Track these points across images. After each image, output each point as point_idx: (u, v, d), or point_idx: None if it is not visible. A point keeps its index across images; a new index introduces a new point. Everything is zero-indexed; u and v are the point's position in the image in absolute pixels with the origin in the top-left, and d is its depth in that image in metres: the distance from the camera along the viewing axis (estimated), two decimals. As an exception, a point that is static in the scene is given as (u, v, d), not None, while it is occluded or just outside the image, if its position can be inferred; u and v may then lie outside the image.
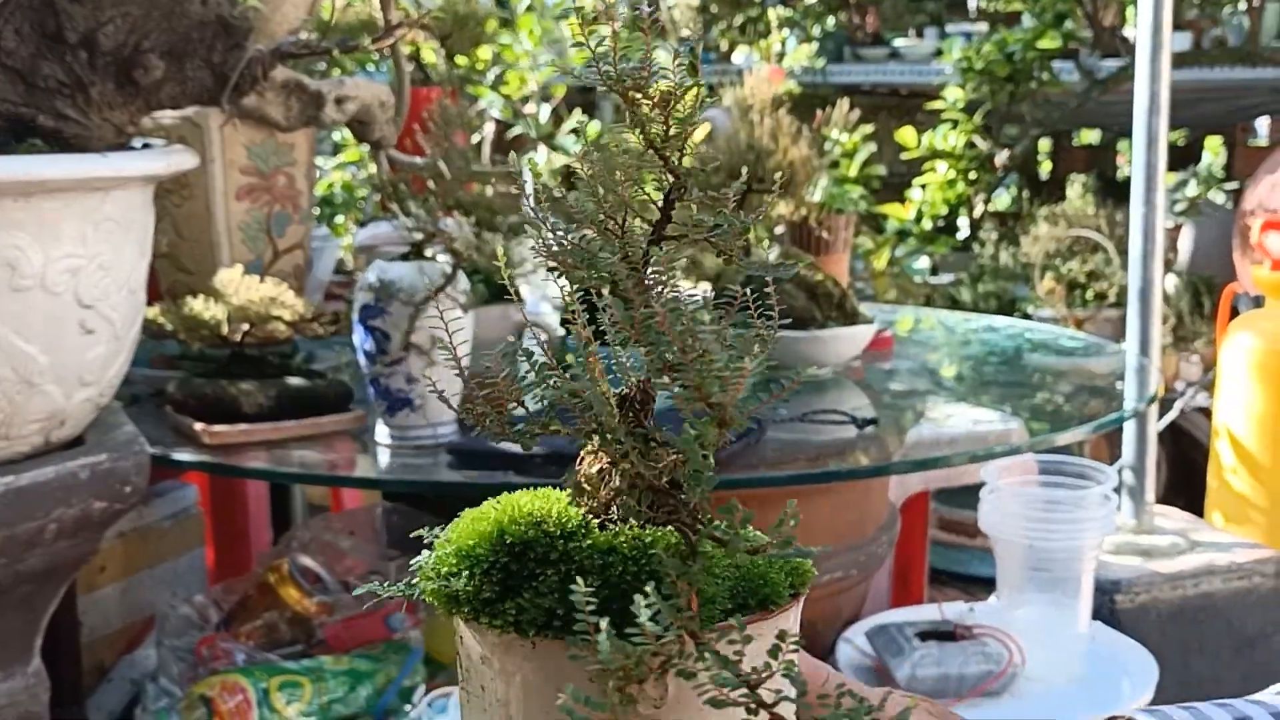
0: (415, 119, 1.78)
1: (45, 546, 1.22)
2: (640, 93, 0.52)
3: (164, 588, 2.12)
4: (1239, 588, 2.28)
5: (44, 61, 1.21)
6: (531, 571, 0.49)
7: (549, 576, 0.48)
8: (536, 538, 0.50)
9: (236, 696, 1.55)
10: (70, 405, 1.24)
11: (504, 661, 0.49)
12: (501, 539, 0.50)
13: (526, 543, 0.50)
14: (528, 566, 0.49)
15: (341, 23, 2.01)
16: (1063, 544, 1.83)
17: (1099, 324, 3.84)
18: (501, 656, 0.49)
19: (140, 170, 1.25)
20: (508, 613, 0.48)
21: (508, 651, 0.48)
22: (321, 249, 2.47)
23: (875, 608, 2.15)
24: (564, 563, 0.49)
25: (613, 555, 0.49)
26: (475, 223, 1.62)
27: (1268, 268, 3.09)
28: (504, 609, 0.48)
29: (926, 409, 1.91)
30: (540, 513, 0.51)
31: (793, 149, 1.95)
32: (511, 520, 0.50)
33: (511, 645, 0.48)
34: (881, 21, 5.58)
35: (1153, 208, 2.34)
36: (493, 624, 0.48)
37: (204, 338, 1.66)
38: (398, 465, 1.62)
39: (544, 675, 0.48)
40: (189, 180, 1.88)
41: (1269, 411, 3.00)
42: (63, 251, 1.17)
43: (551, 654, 0.47)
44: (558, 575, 0.48)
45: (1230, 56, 4.34)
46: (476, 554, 0.50)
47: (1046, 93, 4.56)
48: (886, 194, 4.79)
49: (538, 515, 0.51)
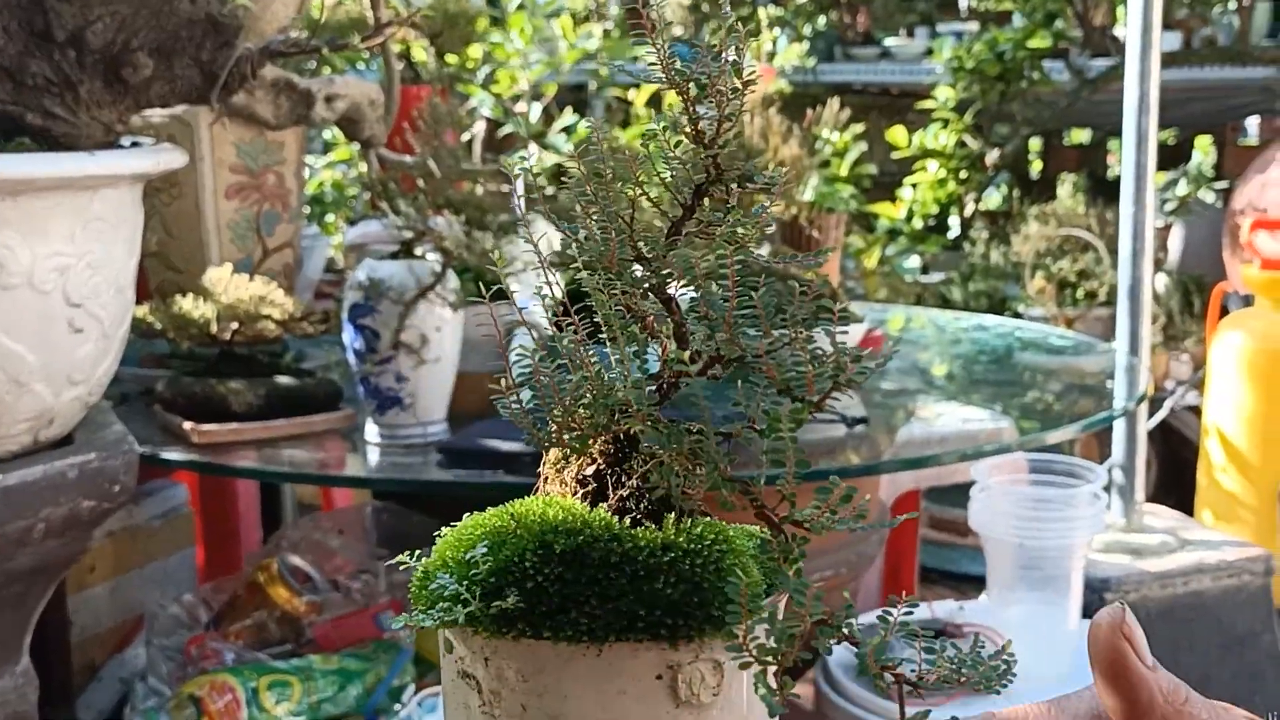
0: (405, 117, 1.78)
1: (34, 546, 1.21)
2: (701, 86, 0.51)
3: (154, 587, 2.12)
4: (1228, 586, 2.29)
5: (32, 60, 1.21)
6: (593, 577, 0.47)
7: (617, 580, 0.47)
8: (586, 543, 0.48)
9: (225, 696, 1.54)
10: (59, 404, 1.23)
11: (559, 676, 0.47)
12: (549, 549, 0.48)
13: (577, 549, 0.48)
14: (586, 573, 0.48)
15: (332, 21, 2.00)
16: (1053, 542, 1.83)
17: (1089, 323, 3.84)
18: (557, 671, 0.47)
19: (129, 169, 1.25)
20: (578, 622, 0.47)
21: (566, 664, 0.47)
22: (312, 248, 2.47)
23: (866, 606, 2.16)
24: (626, 564, 0.48)
25: (673, 551, 0.48)
26: (465, 221, 1.62)
27: (1257, 267, 3.10)
28: (572, 619, 0.47)
29: (917, 408, 1.91)
30: (574, 518, 0.49)
31: (783, 148, 1.95)
32: (549, 529, 0.49)
33: (572, 657, 0.47)
34: (872, 21, 5.57)
35: (1142, 207, 2.34)
36: (559, 637, 0.46)
37: (193, 336, 1.65)
38: (387, 464, 1.62)
39: (605, 677, 0.47)
40: (178, 179, 1.87)
41: (1258, 410, 3.00)
42: (51, 250, 1.17)
43: (620, 657, 0.46)
44: (625, 577, 0.47)
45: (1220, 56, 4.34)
46: (523, 568, 0.48)
47: (1037, 92, 4.56)
48: (877, 193, 4.78)
49: (574, 521, 0.49)
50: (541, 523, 0.49)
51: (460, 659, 0.49)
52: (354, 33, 1.55)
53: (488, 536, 0.50)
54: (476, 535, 0.51)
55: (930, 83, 4.75)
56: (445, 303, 1.59)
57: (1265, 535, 2.94)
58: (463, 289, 1.63)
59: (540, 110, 3.72)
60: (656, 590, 0.47)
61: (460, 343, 1.66)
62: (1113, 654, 0.47)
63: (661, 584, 0.47)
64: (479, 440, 1.58)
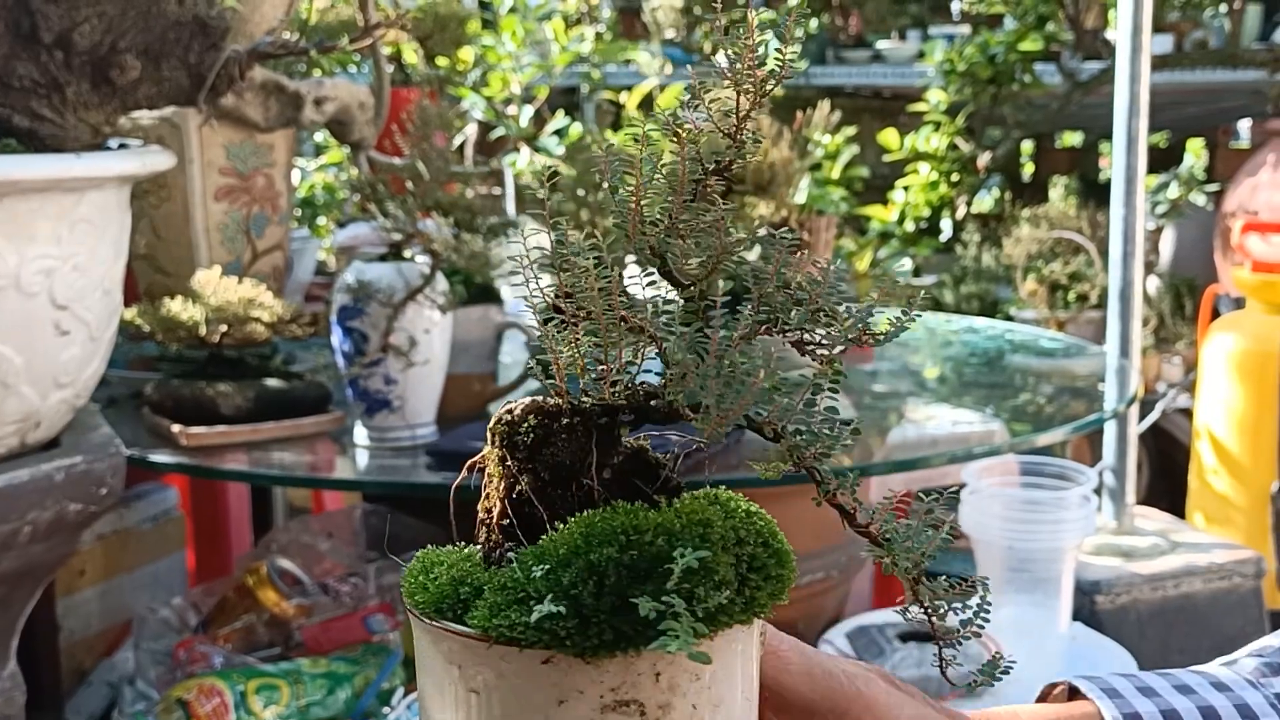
0: (395, 120, 1.77)
1: (20, 549, 1.21)
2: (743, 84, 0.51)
3: (144, 591, 2.11)
4: (1219, 588, 2.29)
5: (18, 61, 1.20)
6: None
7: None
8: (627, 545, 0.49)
9: (214, 699, 1.54)
10: (45, 407, 1.23)
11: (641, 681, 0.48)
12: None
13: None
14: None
15: (322, 23, 2.00)
16: (1043, 545, 1.83)
17: (1081, 325, 3.85)
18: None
19: (115, 170, 1.24)
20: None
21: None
22: (302, 250, 2.47)
23: (856, 609, 2.15)
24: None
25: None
26: (454, 224, 1.62)
27: (1248, 269, 3.10)
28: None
29: (908, 410, 1.91)
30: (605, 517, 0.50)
31: (774, 150, 1.94)
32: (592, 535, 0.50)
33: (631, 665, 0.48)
34: (864, 23, 5.58)
35: (1133, 209, 2.34)
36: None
37: (182, 339, 1.65)
38: (376, 466, 1.61)
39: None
40: (167, 181, 1.87)
41: (1250, 413, 3.01)
42: (37, 252, 1.16)
43: (733, 637, 0.49)
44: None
45: (1211, 59, 4.35)
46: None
47: (1028, 95, 4.57)
48: (869, 196, 4.79)
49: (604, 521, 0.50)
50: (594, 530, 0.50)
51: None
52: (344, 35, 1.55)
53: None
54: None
55: (922, 85, 4.76)
56: (434, 305, 1.58)
57: (1256, 538, 2.94)
58: (452, 291, 1.63)
59: (532, 113, 3.72)
60: None
61: (449, 345, 1.65)
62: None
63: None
64: (468, 442, 1.57)
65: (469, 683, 0.49)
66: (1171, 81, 4.21)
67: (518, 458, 0.53)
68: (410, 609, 0.52)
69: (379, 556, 1.90)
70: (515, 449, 0.53)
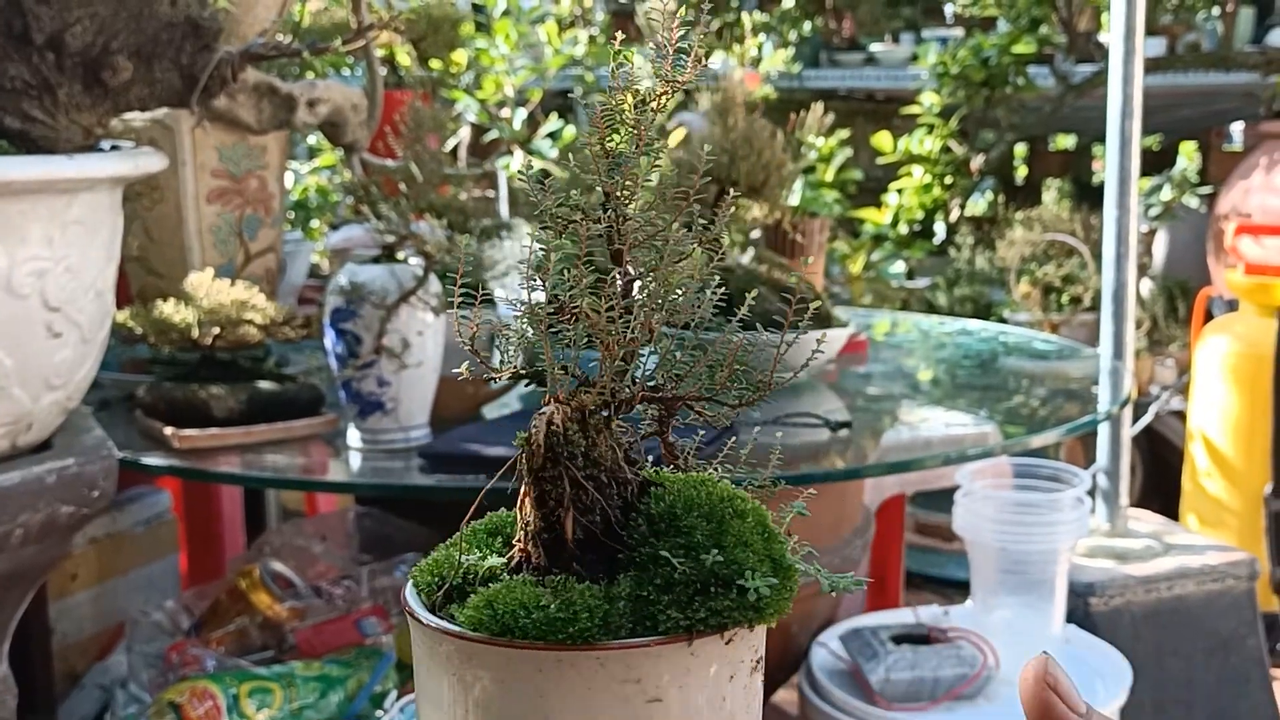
0: (389, 122, 1.77)
1: (11, 551, 1.20)
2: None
3: (137, 594, 2.11)
4: (1213, 590, 2.29)
5: (10, 62, 1.20)
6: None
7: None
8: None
9: (206, 703, 1.53)
10: (37, 409, 1.22)
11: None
12: None
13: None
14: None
15: (315, 25, 2.00)
16: (1037, 547, 1.83)
17: (1074, 328, 3.85)
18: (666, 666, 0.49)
19: (107, 172, 1.24)
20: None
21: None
22: (296, 252, 2.46)
23: (850, 611, 2.15)
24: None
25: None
26: (447, 226, 1.61)
27: (1241, 271, 3.11)
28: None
29: (902, 412, 1.91)
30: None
31: (767, 152, 1.94)
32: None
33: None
34: (858, 26, 5.58)
35: (1126, 211, 2.34)
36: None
37: (174, 341, 1.65)
38: (369, 469, 1.61)
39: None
40: (160, 183, 1.86)
41: (1243, 415, 3.01)
42: (29, 254, 1.16)
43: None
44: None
45: (1204, 61, 4.35)
46: None
47: (1022, 98, 4.57)
48: (863, 198, 4.79)
49: None
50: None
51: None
52: (337, 36, 1.55)
53: None
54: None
55: (915, 88, 4.76)
56: (427, 307, 1.58)
57: (1249, 540, 2.95)
58: (445, 293, 1.63)
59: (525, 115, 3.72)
60: None
61: (442, 347, 1.65)
62: (1040, 706, 0.49)
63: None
64: (461, 445, 1.57)
65: (467, 684, 0.49)
66: (1164, 84, 4.21)
67: (566, 465, 0.53)
68: (410, 610, 0.52)
69: (372, 559, 1.90)
70: (558, 459, 0.53)
